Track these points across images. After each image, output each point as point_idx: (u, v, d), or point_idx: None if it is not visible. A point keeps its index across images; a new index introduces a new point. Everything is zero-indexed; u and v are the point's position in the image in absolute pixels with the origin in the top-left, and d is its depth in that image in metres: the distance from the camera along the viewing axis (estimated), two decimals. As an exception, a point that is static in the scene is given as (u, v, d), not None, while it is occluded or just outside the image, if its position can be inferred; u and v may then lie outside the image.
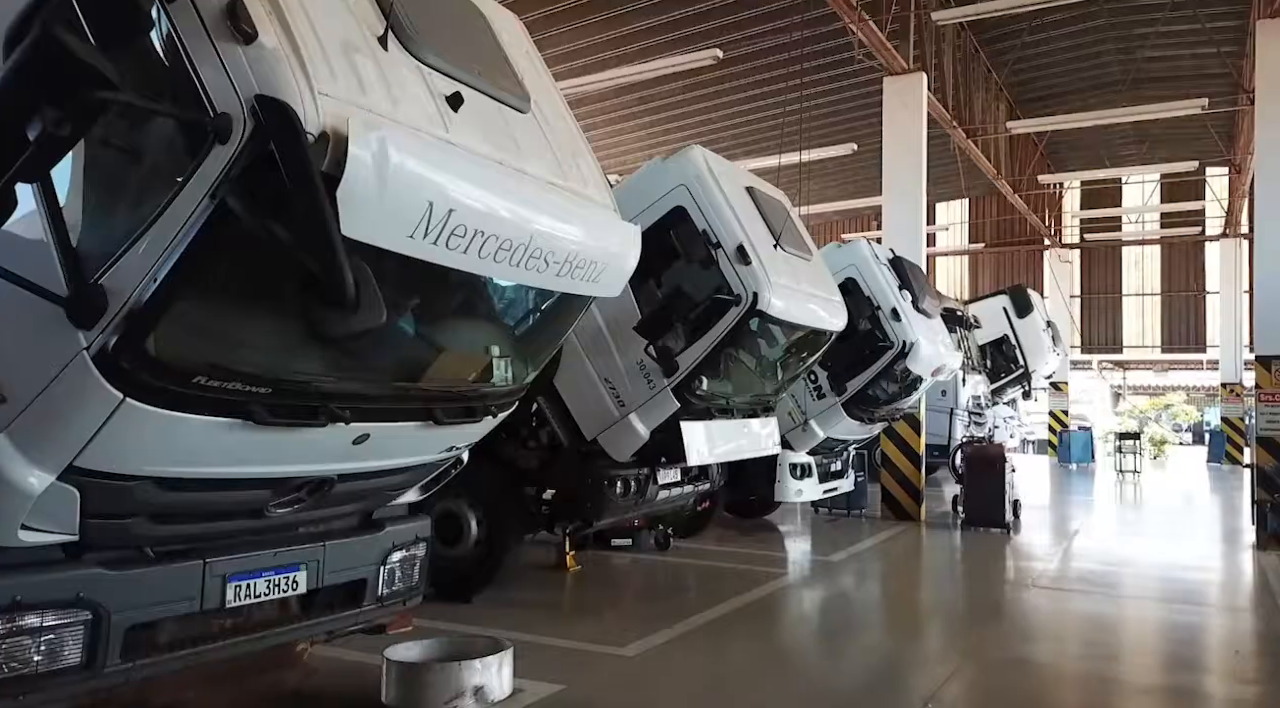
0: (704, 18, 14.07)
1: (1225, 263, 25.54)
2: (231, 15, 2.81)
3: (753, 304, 6.88)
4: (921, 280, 11.42)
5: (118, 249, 2.88)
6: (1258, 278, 11.66)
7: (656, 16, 13.96)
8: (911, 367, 10.33)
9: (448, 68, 3.59)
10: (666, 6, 13.68)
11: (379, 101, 3.13)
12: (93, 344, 2.90)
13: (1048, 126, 19.33)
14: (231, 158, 2.79)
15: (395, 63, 3.34)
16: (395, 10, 3.39)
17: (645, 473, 7.59)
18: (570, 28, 14.06)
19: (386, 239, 3.03)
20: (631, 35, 14.64)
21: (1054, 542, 11.69)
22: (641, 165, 7.80)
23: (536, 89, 4.35)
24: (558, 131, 4.29)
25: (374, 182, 2.89)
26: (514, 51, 4.37)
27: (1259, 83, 11.62)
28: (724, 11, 13.94)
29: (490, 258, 3.42)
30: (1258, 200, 11.75)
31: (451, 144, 3.39)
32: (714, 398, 7.41)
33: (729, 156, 20.52)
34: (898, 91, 13.38)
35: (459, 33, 3.97)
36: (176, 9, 2.87)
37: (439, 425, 4.07)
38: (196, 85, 2.83)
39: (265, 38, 2.83)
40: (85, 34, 2.88)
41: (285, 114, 2.77)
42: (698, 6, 13.51)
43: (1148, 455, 29.94)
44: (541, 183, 3.88)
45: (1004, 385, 21.88)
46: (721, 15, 14.13)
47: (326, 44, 3.03)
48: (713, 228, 7.02)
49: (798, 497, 10.70)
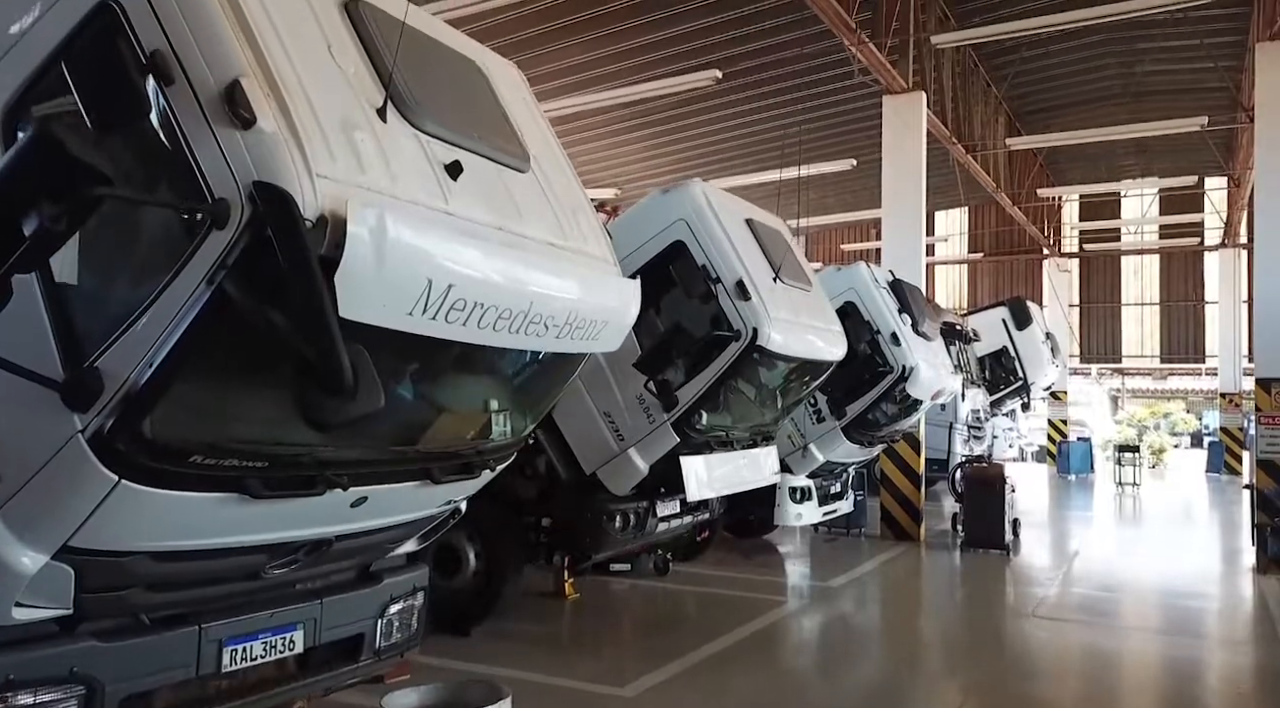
0: (703, 38, 14.05)
1: (1224, 273, 25.55)
2: (230, 100, 2.79)
3: (752, 340, 6.86)
4: (921, 303, 11.40)
5: (114, 332, 2.86)
6: (1257, 301, 11.65)
7: (655, 32, 13.93)
8: (911, 391, 10.31)
9: (447, 134, 3.57)
10: (665, 27, 13.66)
11: (378, 178, 3.10)
12: (88, 427, 2.87)
13: (1046, 143, 19.34)
14: (229, 244, 2.77)
15: (394, 134, 3.31)
16: (394, 80, 3.37)
17: (645, 506, 7.56)
18: (569, 44, 14.04)
19: (385, 318, 3.00)
20: (630, 54, 14.63)
21: (1054, 564, 11.67)
22: (643, 197, 7.77)
23: (536, 144, 4.33)
24: (557, 188, 4.27)
25: (372, 263, 2.86)
26: (514, 106, 4.35)
27: (1259, 105, 11.60)
28: (723, 31, 13.93)
29: (490, 328, 3.39)
30: (1257, 226, 11.74)
31: (451, 215, 3.36)
32: (713, 431, 7.39)
33: (729, 171, 20.70)
34: (897, 110, 13.38)
35: (458, 93, 3.94)
36: (174, 92, 2.85)
37: (437, 484, 4.05)
38: (194, 170, 2.81)
39: (264, 122, 2.80)
40: (83, 117, 2.87)
41: (283, 201, 2.74)
42: (696, 25, 13.47)
43: (1146, 463, 30.03)
44: (541, 245, 3.85)
45: (1003, 397, 21.91)
46: (721, 36, 14.13)
47: (325, 123, 3.01)
48: (712, 263, 7.01)
49: (797, 521, 10.67)
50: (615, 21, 13.58)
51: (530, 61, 15.18)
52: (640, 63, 14.78)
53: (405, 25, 3.55)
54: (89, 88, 2.89)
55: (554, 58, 14.81)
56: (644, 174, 22.06)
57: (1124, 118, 20.82)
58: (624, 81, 14.54)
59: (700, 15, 13.32)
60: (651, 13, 13.24)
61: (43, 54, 3.05)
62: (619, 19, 13.50)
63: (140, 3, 2.93)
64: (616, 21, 13.58)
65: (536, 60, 15.02)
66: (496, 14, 11.91)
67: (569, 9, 12.34)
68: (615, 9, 13.12)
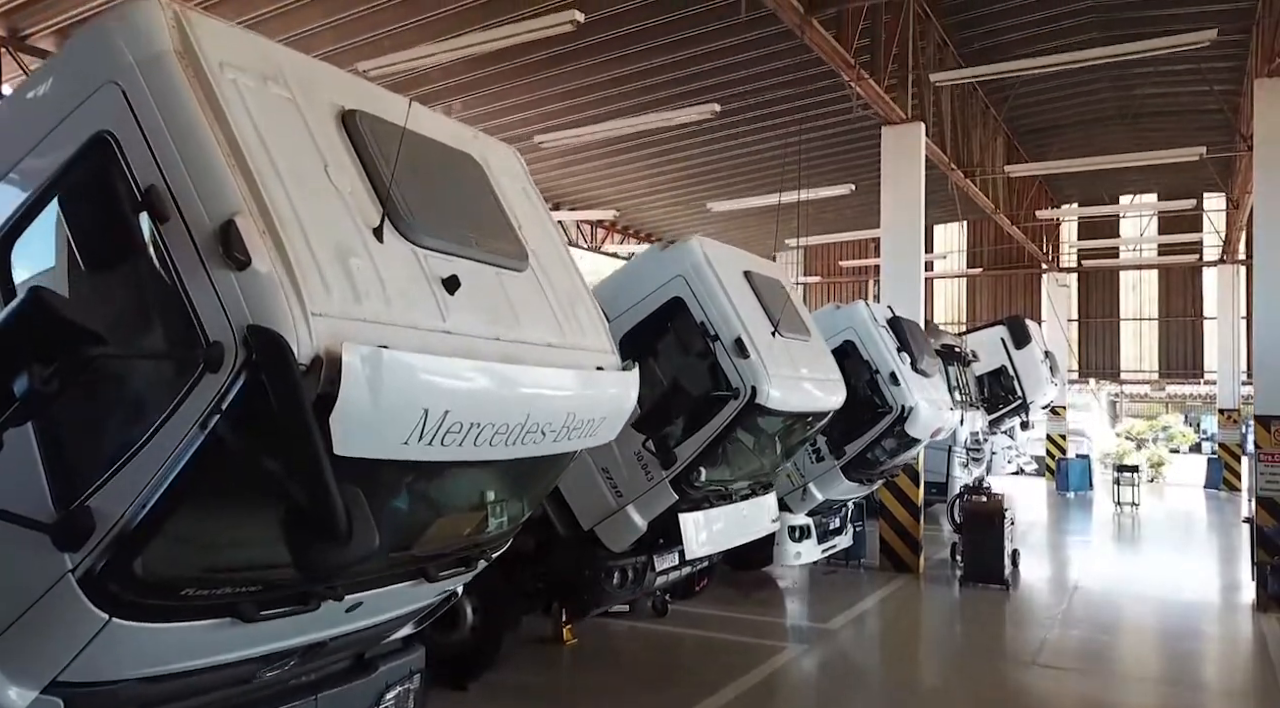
0: (702, 73, 14.06)
1: (1222, 288, 25.56)
2: (224, 240, 2.76)
3: (751, 398, 6.84)
4: (920, 339, 11.37)
5: (106, 472, 2.83)
6: (1258, 335, 11.63)
7: (656, 67, 13.93)
8: (910, 431, 10.29)
9: (445, 245, 3.54)
10: (666, 62, 13.66)
11: (374, 306, 3.07)
12: (79, 567, 2.84)
13: (1045, 170, 19.33)
14: (222, 388, 2.74)
15: (391, 254, 3.28)
16: (391, 196, 3.35)
17: (643, 561, 7.53)
18: (572, 78, 14.06)
19: (380, 450, 2.98)
20: (632, 87, 14.66)
21: (1053, 600, 11.62)
22: (644, 251, 7.76)
23: (534, 234, 4.31)
24: (555, 280, 4.24)
25: (368, 401, 2.84)
26: (512, 198, 4.32)
27: (1258, 142, 11.60)
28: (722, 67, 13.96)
29: (486, 444, 3.37)
30: (1256, 268, 11.73)
31: (448, 333, 3.33)
32: (712, 486, 7.36)
33: (729, 194, 20.63)
34: (896, 140, 13.36)
35: (456, 195, 3.92)
36: (169, 230, 2.82)
37: (433, 581, 4.03)
38: (189, 311, 2.78)
39: (259, 263, 2.77)
40: (76, 256, 2.84)
41: (278, 346, 2.71)
42: (695, 59, 13.46)
43: (1145, 477, 30.01)
44: (540, 349, 3.82)
45: (1002, 416, 21.89)
46: (720, 73, 14.17)
47: (321, 254, 2.98)
48: (710, 320, 6.99)
49: (796, 560, 10.65)
50: (617, 56, 13.59)
51: (534, 94, 15.31)
52: (641, 96, 14.81)
53: (403, 132, 3.53)
54: (83, 223, 2.86)
55: (557, 91, 14.88)
56: (644, 192, 22.08)
57: (1122, 137, 20.85)
58: (625, 113, 14.55)
59: (699, 50, 13.33)
60: (652, 48, 13.25)
61: (37, 185, 3.02)
62: (621, 54, 13.52)
63: (135, 135, 2.91)
64: (618, 56, 13.59)
65: (541, 93, 15.14)
66: (503, 52, 11.94)
67: (573, 46, 12.33)
68: (617, 44, 13.13)
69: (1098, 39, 15.23)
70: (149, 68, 2.95)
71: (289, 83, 3.36)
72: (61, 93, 3.05)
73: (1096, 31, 14.88)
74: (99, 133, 2.95)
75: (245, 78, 3.16)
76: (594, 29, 11.47)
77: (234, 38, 3.26)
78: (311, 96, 3.42)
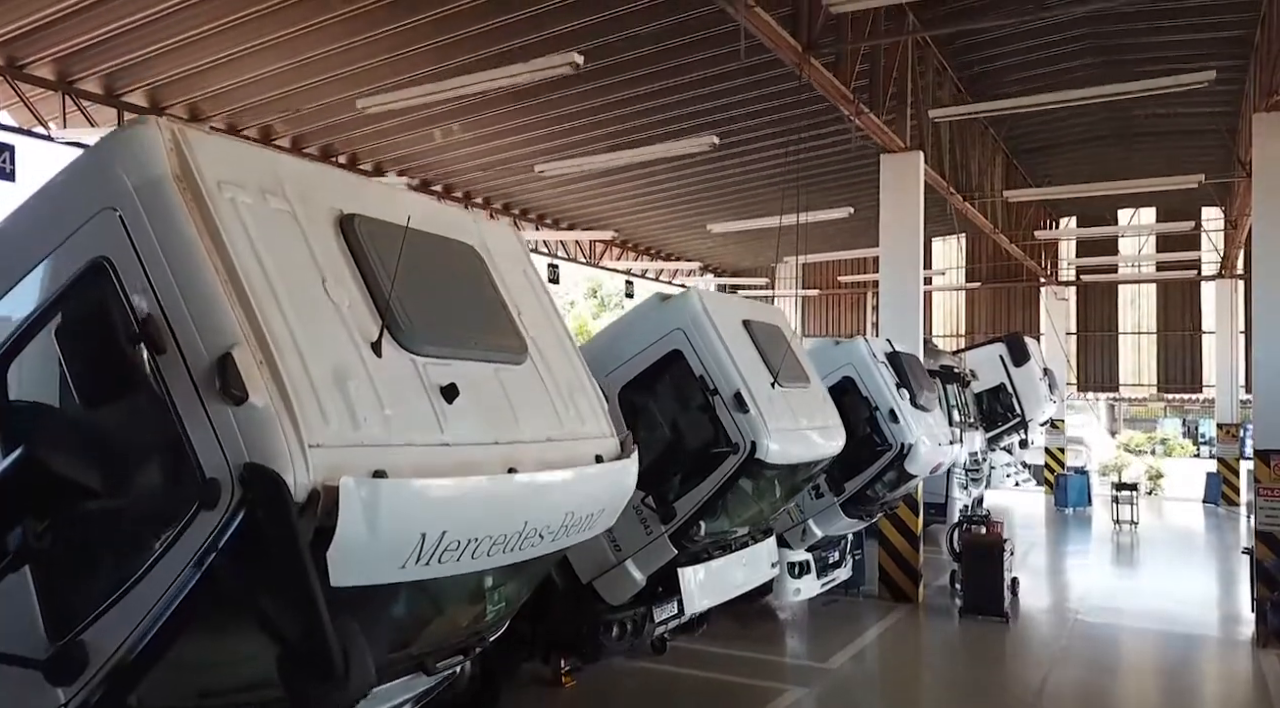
0: (701, 108, 14.08)
1: (1221, 303, 25.57)
2: (222, 376, 2.74)
3: (751, 453, 6.83)
4: (920, 373, 11.37)
5: (99, 607, 2.81)
6: (1256, 372, 11.64)
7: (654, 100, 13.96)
8: (910, 468, 10.28)
9: (443, 350, 3.53)
10: (664, 96, 13.68)
11: (372, 430, 3.06)
12: (71, 701, 2.83)
13: (1044, 196, 19.34)
14: (218, 525, 2.73)
15: (390, 368, 3.28)
16: (391, 307, 3.33)
17: (642, 613, 7.50)
18: (567, 104, 14.05)
19: (377, 577, 2.98)
20: (630, 122, 14.69)
21: (1053, 634, 11.60)
22: (643, 302, 7.75)
23: (534, 318, 4.30)
24: (554, 366, 4.23)
25: (365, 532, 2.83)
26: (512, 282, 4.31)
27: (1256, 175, 11.60)
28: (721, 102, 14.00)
29: (484, 555, 3.36)
30: (1256, 300, 11.72)
31: (447, 445, 3.32)
32: (711, 538, 7.35)
33: (728, 216, 20.58)
34: (895, 168, 13.35)
35: (455, 292, 3.91)
36: (166, 362, 2.81)
37: (431, 674, 4.02)
38: (186, 445, 2.76)
39: (255, 398, 2.76)
40: (71, 390, 2.83)
41: (275, 486, 2.70)
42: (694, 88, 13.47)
43: (1143, 488, 30.03)
44: (539, 446, 3.81)
45: (1000, 434, 21.88)
46: (718, 109, 14.21)
47: (319, 381, 2.97)
48: (710, 374, 6.98)
49: (796, 597, 10.63)
50: (617, 91, 13.64)
51: (534, 128, 15.35)
52: (640, 130, 14.84)
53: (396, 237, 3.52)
54: (78, 350, 2.84)
55: (557, 126, 14.93)
56: (643, 213, 22.09)
57: (1120, 155, 20.87)
58: (624, 145, 14.57)
59: (698, 85, 13.36)
60: (651, 83, 13.29)
61: (34, 307, 3.01)
62: (620, 90, 13.58)
63: (132, 262, 2.90)
64: (618, 91, 13.64)
65: (540, 129, 15.20)
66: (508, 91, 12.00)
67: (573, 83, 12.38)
68: (617, 81, 13.18)
69: (1094, 64, 15.27)
70: (147, 193, 2.94)
71: (287, 193, 3.35)
72: (61, 216, 3.04)
73: (1092, 57, 14.90)
74: (96, 259, 2.94)
75: (244, 195, 3.15)
76: (594, 67, 11.48)
77: (232, 153, 3.25)
78: (310, 205, 3.41)
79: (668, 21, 11.29)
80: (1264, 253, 11.68)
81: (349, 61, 12.47)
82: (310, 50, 12.17)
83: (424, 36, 11.69)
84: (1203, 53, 14.55)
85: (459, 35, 11.61)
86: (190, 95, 13.99)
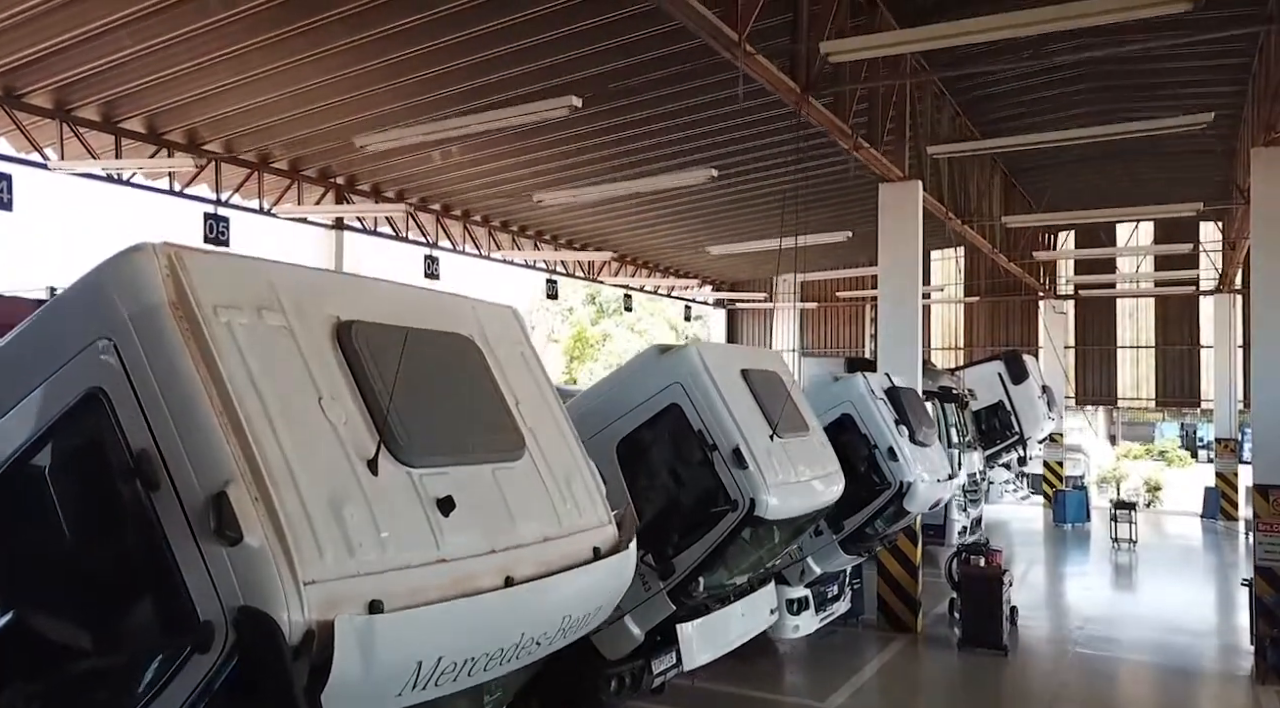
0: (699, 145, 14.10)
1: (1219, 318, 25.58)
2: (217, 516, 2.72)
3: (750, 509, 6.81)
4: (919, 409, 11.36)
5: None
6: (1255, 414, 11.65)
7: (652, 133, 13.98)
8: (909, 506, 10.28)
9: (439, 459, 3.51)
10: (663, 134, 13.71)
11: (367, 557, 3.03)
12: None
13: (1041, 222, 19.35)
14: (211, 669, 2.70)
15: (385, 485, 3.25)
16: (389, 421, 3.31)
17: (640, 665, 7.47)
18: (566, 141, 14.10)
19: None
20: (628, 157, 14.71)
21: (1052, 668, 11.57)
22: (641, 354, 7.73)
23: (532, 405, 4.28)
24: (552, 456, 4.21)
25: (361, 668, 2.80)
26: (510, 369, 4.28)
27: (1255, 211, 11.60)
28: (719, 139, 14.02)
29: (481, 672, 3.34)
30: (1254, 332, 11.70)
31: (444, 561, 3.30)
32: (710, 592, 7.33)
33: (727, 239, 20.56)
34: (893, 196, 13.34)
35: (452, 392, 3.88)
36: (160, 499, 2.78)
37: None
38: (180, 586, 2.74)
39: (250, 538, 2.73)
40: (61, 526, 2.81)
41: (269, 632, 2.67)
42: (692, 124, 13.49)
43: (1143, 501, 30.03)
44: (536, 547, 3.79)
45: (999, 451, 21.90)
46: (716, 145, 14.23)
47: (315, 512, 2.94)
48: (708, 428, 6.96)
49: (794, 634, 10.58)
50: (615, 129, 13.67)
51: (533, 165, 15.40)
52: (639, 164, 14.87)
53: (393, 341, 3.50)
54: (71, 483, 2.82)
55: (555, 162, 15.03)
56: (642, 235, 22.12)
57: (1118, 172, 20.86)
58: (623, 178, 14.58)
59: (696, 121, 13.38)
60: (650, 120, 13.32)
61: (27, 437, 2.98)
62: (619, 128, 13.60)
63: (127, 394, 2.88)
64: (616, 129, 13.67)
65: (539, 165, 15.24)
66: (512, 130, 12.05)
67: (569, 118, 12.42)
68: (615, 119, 13.20)
69: (1094, 91, 15.28)
70: (141, 323, 2.91)
71: (284, 306, 3.33)
72: (56, 343, 3.02)
73: (1091, 86, 14.90)
74: (91, 389, 2.92)
75: (240, 316, 3.13)
76: (593, 104, 11.50)
77: (229, 272, 3.23)
78: (306, 317, 3.39)
79: (667, 61, 11.31)
80: (1262, 281, 11.63)
81: (347, 89, 12.46)
82: (309, 79, 12.16)
83: (423, 66, 11.68)
84: (1202, 78, 14.57)
85: (457, 65, 11.60)
86: (188, 122, 13.99)
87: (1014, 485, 24.16)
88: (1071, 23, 7.07)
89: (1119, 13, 6.87)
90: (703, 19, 7.33)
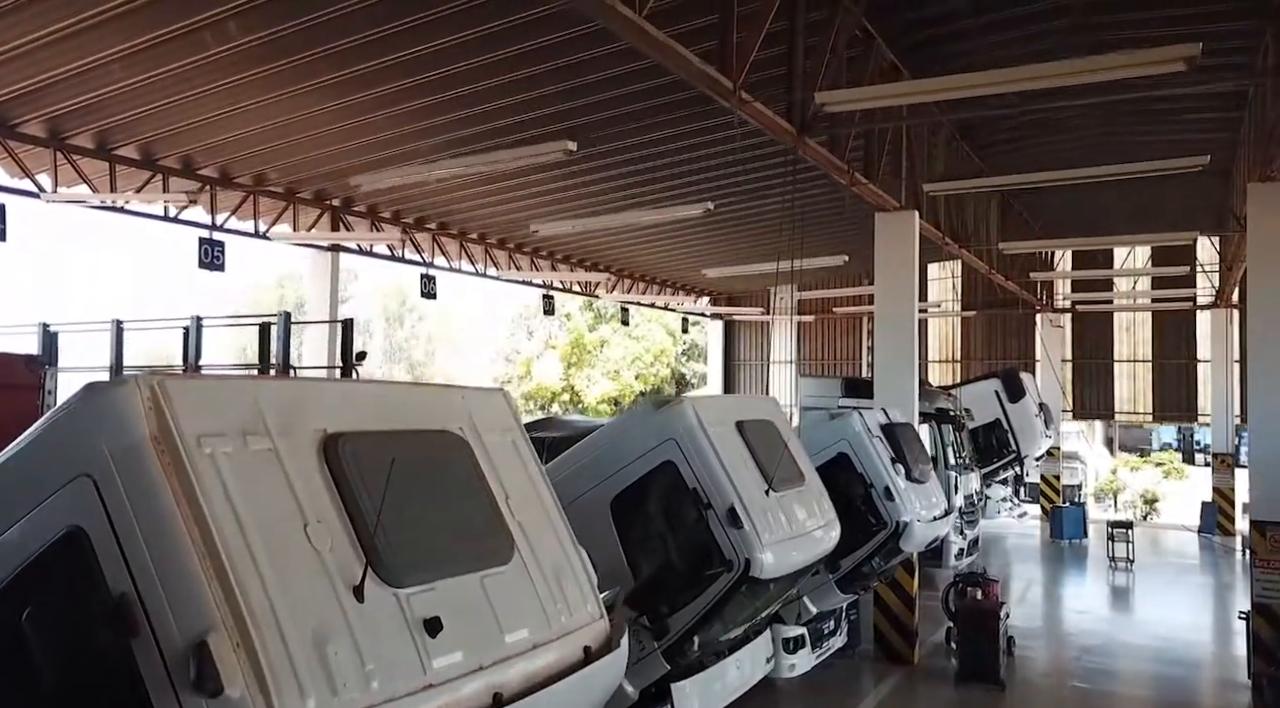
0: (696, 181, 14.08)
1: (1216, 332, 25.59)
2: (197, 666, 2.67)
3: (745, 570, 6.77)
4: (915, 446, 11.31)
5: None
6: (1252, 444, 11.61)
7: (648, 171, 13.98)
8: (905, 546, 10.25)
9: (427, 575, 3.46)
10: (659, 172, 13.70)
11: (352, 695, 2.98)
12: None
13: (1038, 248, 19.33)
14: None
15: (371, 612, 3.20)
16: (375, 541, 3.27)
17: (635, 719, 7.45)
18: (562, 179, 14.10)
19: None
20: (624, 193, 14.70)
21: (1049, 704, 11.55)
22: (632, 410, 7.69)
23: (521, 497, 4.23)
24: (541, 553, 4.16)
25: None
26: (500, 460, 4.23)
27: (1251, 245, 11.59)
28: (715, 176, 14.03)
29: (470, 796, 3.30)
30: (1250, 367, 11.68)
31: (430, 687, 3.26)
32: (705, 649, 7.29)
33: (724, 264, 20.53)
34: (890, 225, 13.30)
35: (439, 497, 3.83)
36: (139, 645, 2.73)
37: None
38: None
39: (231, 690, 2.69)
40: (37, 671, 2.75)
41: None
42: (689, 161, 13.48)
43: (1139, 513, 30.03)
44: (526, 656, 3.74)
45: (996, 469, 21.89)
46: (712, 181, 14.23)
47: (297, 653, 2.89)
48: (703, 487, 6.91)
49: (790, 673, 10.50)
50: (611, 170, 13.66)
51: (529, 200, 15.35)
52: (636, 199, 14.86)
53: (381, 451, 3.46)
54: (46, 629, 2.77)
55: (551, 197, 15.03)
56: (639, 258, 22.12)
57: (1115, 190, 20.83)
58: (620, 211, 14.57)
59: (693, 159, 13.37)
60: (646, 159, 13.30)
61: (3, 576, 2.93)
62: (615, 169, 13.58)
63: (107, 534, 2.82)
64: (612, 169, 13.65)
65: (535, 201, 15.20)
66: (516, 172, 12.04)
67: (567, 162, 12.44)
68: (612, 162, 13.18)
69: (1091, 118, 15.24)
70: (122, 460, 2.86)
71: (270, 427, 3.28)
72: (36, 477, 2.97)
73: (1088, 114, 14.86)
74: (71, 527, 2.87)
75: (224, 444, 3.08)
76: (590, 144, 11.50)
77: (213, 399, 3.18)
78: (292, 436, 3.34)
79: (665, 105, 11.31)
80: (1257, 305, 11.60)
81: (340, 121, 12.43)
82: (300, 111, 12.12)
83: (416, 99, 11.65)
84: (1200, 107, 14.55)
85: (451, 105, 11.58)
86: (183, 148, 13.94)
87: (1011, 503, 24.14)
88: (1071, 79, 7.04)
89: (1120, 69, 6.83)
90: (700, 73, 7.28)
